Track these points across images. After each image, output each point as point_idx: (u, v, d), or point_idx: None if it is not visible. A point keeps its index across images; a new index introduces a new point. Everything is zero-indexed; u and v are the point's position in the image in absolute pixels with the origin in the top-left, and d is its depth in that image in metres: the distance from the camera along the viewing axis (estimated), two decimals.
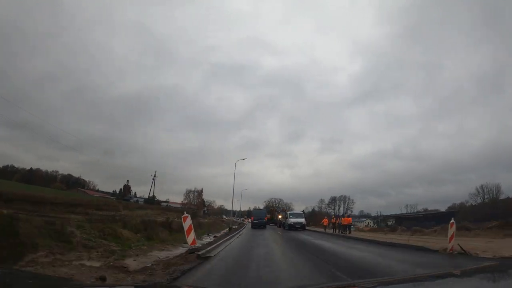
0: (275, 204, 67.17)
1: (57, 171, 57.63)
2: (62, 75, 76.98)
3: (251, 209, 75.48)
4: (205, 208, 60.72)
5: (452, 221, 8.61)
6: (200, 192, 59.49)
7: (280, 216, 39.68)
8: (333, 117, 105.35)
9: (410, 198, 66.66)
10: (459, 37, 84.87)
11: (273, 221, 46.70)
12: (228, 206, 73.03)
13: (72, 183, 56.35)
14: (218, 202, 79.15)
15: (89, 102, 78.62)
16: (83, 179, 59.15)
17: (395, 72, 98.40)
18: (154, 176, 51.89)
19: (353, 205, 66.08)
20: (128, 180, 53.59)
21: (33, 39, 73.13)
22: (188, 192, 58.85)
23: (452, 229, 8.46)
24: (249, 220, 50.25)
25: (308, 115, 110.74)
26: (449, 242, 8.35)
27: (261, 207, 75.79)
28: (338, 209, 66.52)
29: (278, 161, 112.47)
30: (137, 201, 51.58)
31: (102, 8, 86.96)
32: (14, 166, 53.69)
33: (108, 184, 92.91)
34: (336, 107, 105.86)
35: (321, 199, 67.13)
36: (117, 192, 58.74)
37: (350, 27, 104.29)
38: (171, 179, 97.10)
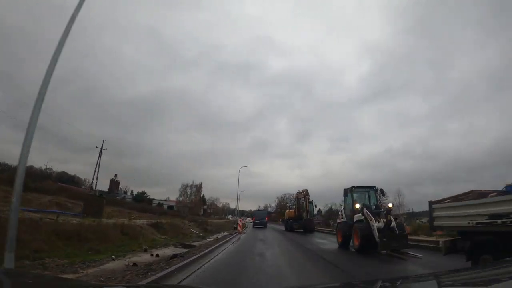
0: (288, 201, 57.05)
1: (51, 169, 54.75)
2: (72, 78, 76.84)
3: (261, 208, 69.51)
4: (206, 206, 52.49)
5: None
6: (198, 188, 50.59)
7: (357, 206, 11.20)
8: (343, 116, 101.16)
9: (423, 197, 57.53)
10: (469, 33, 76.52)
11: (299, 222, 24.37)
12: (233, 205, 65.43)
13: (66, 180, 53.13)
14: (227, 202, 72.27)
15: (99, 105, 77.78)
16: (78, 177, 55.59)
17: (404, 70, 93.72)
18: (101, 149, 37.79)
19: (385, 199, 53.83)
20: (116, 175, 47.35)
21: (41, 44, 73.71)
22: (184, 187, 50.38)
23: None
24: (247, 219, 45.89)
25: (317, 115, 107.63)
26: None
27: (273, 204, 69.73)
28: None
29: (287, 161, 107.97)
30: (124, 198, 45.76)
31: (111, 13, 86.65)
32: (7, 164, 51.68)
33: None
34: (345, 107, 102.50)
35: None
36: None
37: (358, 26, 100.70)
38: (181, 179, 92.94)
